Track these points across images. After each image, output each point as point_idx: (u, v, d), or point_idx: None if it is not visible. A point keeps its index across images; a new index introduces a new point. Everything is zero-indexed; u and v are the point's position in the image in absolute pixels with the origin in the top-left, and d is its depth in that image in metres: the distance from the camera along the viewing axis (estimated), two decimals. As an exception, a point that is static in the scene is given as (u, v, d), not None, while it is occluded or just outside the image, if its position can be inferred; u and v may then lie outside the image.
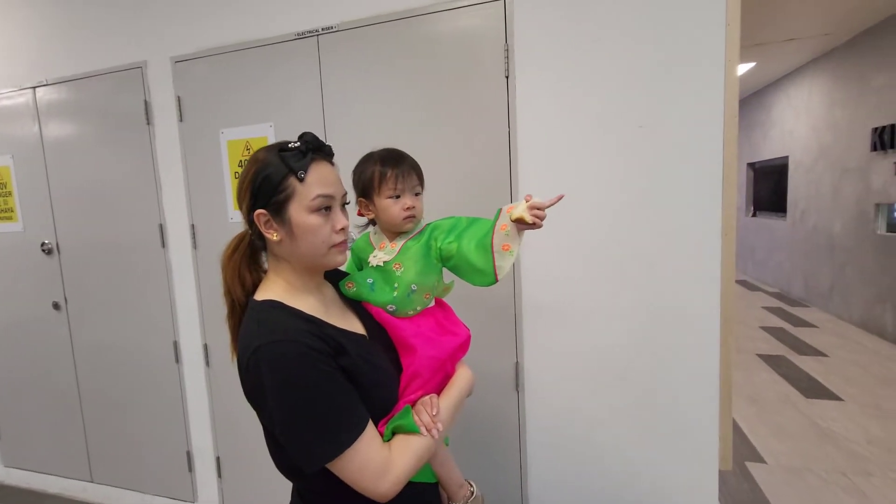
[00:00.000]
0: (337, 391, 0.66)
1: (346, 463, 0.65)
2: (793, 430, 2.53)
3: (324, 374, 0.65)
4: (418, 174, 0.87)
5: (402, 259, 0.84)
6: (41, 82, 2.05)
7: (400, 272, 0.84)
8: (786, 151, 5.54)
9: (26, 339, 2.28)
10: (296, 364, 0.64)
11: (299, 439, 0.64)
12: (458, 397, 0.82)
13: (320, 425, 0.64)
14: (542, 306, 1.45)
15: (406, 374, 0.80)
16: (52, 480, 2.33)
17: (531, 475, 1.53)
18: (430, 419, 0.72)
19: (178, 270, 1.94)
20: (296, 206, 0.70)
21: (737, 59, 1.21)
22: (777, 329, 4.27)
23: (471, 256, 0.81)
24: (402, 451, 0.69)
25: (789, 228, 5.52)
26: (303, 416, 0.63)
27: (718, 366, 1.32)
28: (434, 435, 0.71)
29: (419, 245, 0.85)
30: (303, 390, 0.63)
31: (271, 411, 0.64)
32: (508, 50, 1.39)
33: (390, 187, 0.83)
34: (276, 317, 0.69)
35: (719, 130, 1.25)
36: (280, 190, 0.70)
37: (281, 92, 1.67)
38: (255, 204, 0.71)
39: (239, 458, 1.94)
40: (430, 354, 0.81)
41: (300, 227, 0.71)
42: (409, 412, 0.74)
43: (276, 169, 0.70)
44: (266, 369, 0.63)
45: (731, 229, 1.27)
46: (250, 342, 0.66)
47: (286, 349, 0.64)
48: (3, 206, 2.22)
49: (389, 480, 0.67)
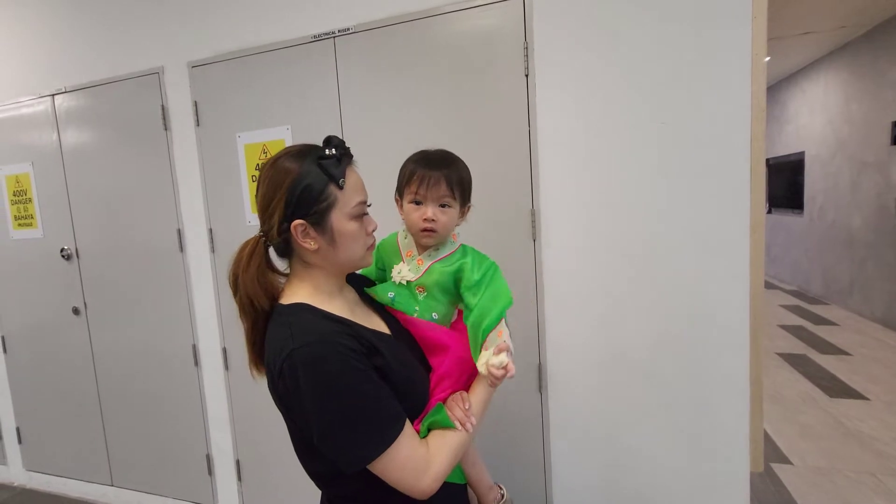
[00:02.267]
0: (374, 390, 0.65)
1: (388, 462, 0.64)
2: (818, 430, 2.48)
3: (361, 374, 0.64)
4: (451, 185, 0.79)
5: (426, 282, 0.80)
6: (59, 90, 2.07)
7: (422, 297, 0.80)
8: (801, 147, 5.45)
9: (47, 343, 2.31)
10: (333, 365, 0.63)
11: (341, 441, 0.63)
12: (486, 393, 0.80)
13: (361, 425, 0.63)
14: (565, 306, 1.43)
15: (436, 374, 0.79)
16: (73, 484, 2.35)
17: (555, 477, 1.50)
18: (463, 413, 0.72)
19: (197, 274, 1.94)
20: (337, 214, 0.70)
21: (764, 52, 1.18)
22: (796, 327, 4.20)
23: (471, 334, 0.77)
24: (439, 446, 0.69)
25: (806, 224, 5.43)
26: (344, 418, 0.63)
27: (748, 366, 1.29)
28: (468, 428, 0.71)
29: (447, 272, 0.80)
30: (342, 391, 0.62)
31: (308, 415, 0.63)
32: (528, 48, 1.37)
33: (412, 191, 0.79)
34: (307, 319, 0.68)
35: (746, 125, 1.23)
36: (322, 199, 0.69)
37: (297, 94, 1.67)
38: (292, 214, 0.69)
39: (259, 462, 1.94)
40: (461, 356, 0.79)
41: (343, 234, 0.70)
42: (443, 408, 0.73)
43: (316, 178, 0.68)
44: (302, 372, 0.62)
45: (759, 226, 1.24)
46: (283, 346, 0.65)
47: (322, 350, 0.63)
48: (24, 212, 2.25)
49: (430, 476, 0.66)
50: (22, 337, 2.38)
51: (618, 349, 1.40)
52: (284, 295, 0.74)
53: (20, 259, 2.30)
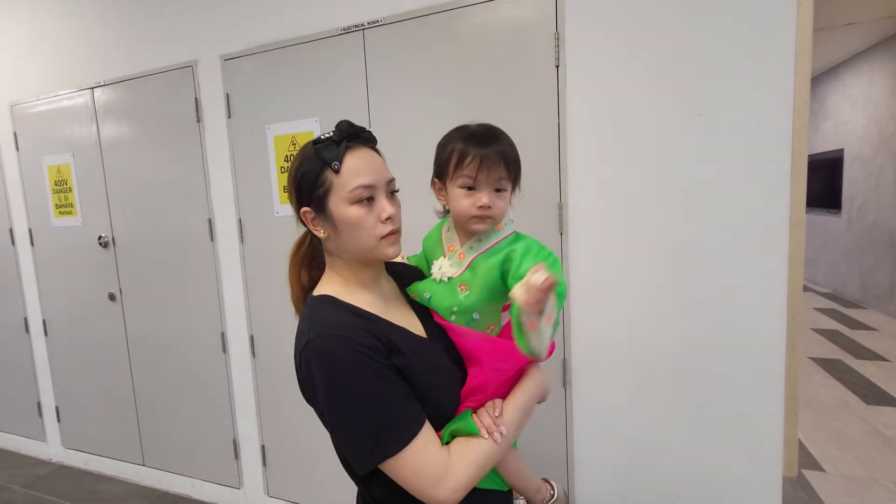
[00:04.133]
0: (388, 389, 0.62)
1: (400, 466, 0.61)
2: (854, 438, 2.38)
3: (372, 371, 0.61)
4: (508, 166, 0.70)
5: (469, 279, 0.71)
6: (99, 83, 2.14)
7: (464, 296, 0.70)
8: (840, 144, 5.22)
9: (85, 327, 2.40)
10: (343, 359, 0.61)
11: (349, 438, 0.63)
12: (524, 400, 0.72)
13: (369, 424, 0.61)
14: (593, 302, 1.41)
15: (469, 385, 0.71)
16: (108, 463, 2.46)
17: (578, 474, 1.49)
18: (491, 421, 0.66)
19: (226, 264, 1.99)
20: (335, 200, 0.67)
21: (809, 40, 1.13)
22: (831, 332, 4.04)
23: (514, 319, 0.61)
24: (461, 455, 0.63)
25: (844, 225, 5.21)
26: (352, 414, 0.61)
27: (784, 367, 1.24)
28: (496, 439, 0.65)
29: (493, 264, 0.69)
30: (351, 386, 0.61)
31: (322, 407, 0.64)
32: (559, 38, 1.35)
33: (465, 174, 0.68)
34: (325, 311, 0.68)
35: (787, 118, 1.18)
36: (318, 185, 0.67)
37: (326, 87, 1.68)
38: (300, 201, 0.70)
39: (283, 448, 1.98)
40: (500, 368, 0.71)
41: (342, 220, 0.67)
42: (469, 414, 0.68)
43: (312, 163, 0.67)
44: (315, 364, 0.62)
45: (799, 223, 1.20)
46: (301, 337, 0.65)
47: (334, 344, 0.62)
48: (64, 201, 2.34)
49: (448, 487, 0.61)
50: (62, 320, 2.48)
51: (647, 347, 1.37)
52: (317, 287, 0.74)
53: (61, 246, 2.40)
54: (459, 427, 0.66)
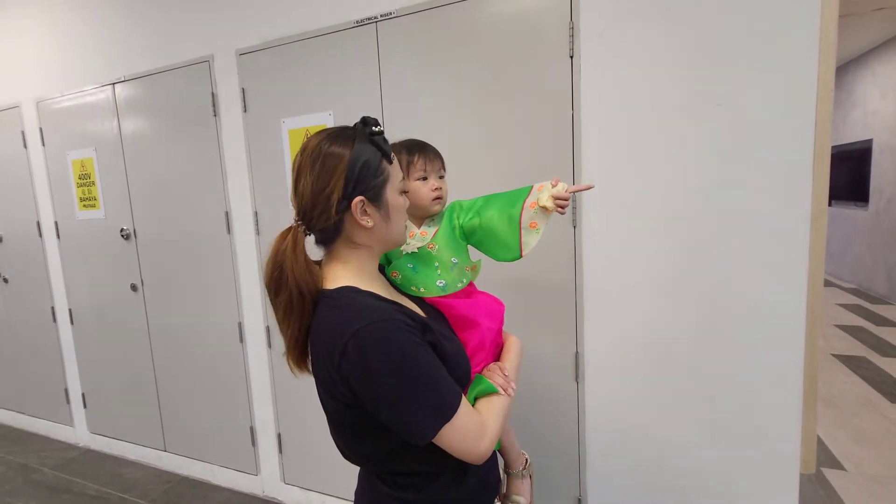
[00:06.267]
0: (435, 363, 0.68)
1: (454, 430, 0.66)
2: (876, 437, 2.33)
3: (423, 348, 0.67)
4: (441, 159, 0.92)
5: (434, 240, 0.89)
6: (119, 78, 2.19)
7: (436, 251, 0.87)
8: (869, 134, 5.04)
9: (108, 317, 2.48)
10: (399, 341, 0.65)
11: (412, 413, 0.65)
12: (517, 361, 0.88)
13: (430, 397, 0.66)
14: (606, 295, 1.40)
15: (470, 347, 0.83)
16: (131, 448, 2.54)
17: (590, 468, 1.49)
18: (503, 380, 0.78)
19: (243, 255, 2.03)
20: (390, 189, 0.73)
21: (835, 27, 1.09)
22: (856, 328, 3.93)
23: (497, 229, 0.85)
24: (489, 412, 0.73)
25: (871, 218, 5.04)
26: (414, 390, 0.65)
27: (802, 362, 1.22)
28: (510, 393, 0.77)
29: (443, 225, 0.90)
30: (410, 365, 0.65)
31: (379, 391, 0.64)
32: (573, 28, 1.33)
33: (419, 169, 0.88)
34: (363, 301, 0.69)
35: (810, 107, 1.14)
36: (379, 174, 0.71)
37: (340, 80, 1.69)
38: (353, 191, 0.69)
39: (299, 435, 2.02)
40: (490, 326, 0.86)
41: (395, 208, 0.74)
42: (483, 378, 0.79)
43: (372, 154, 0.70)
44: (371, 349, 0.64)
45: (821, 215, 1.16)
46: (344, 328, 0.65)
47: (388, 328, 0.65)
48: (88, 194, 2.41)
49: (488, 439, 0.70)
50: (87, 310, 2.57)
51: (661, 341, 1.35)
52: (328, 280, 0.73)
53: (85, 238, 2.47)
54: (481, 389, 0.77)
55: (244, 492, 2.19)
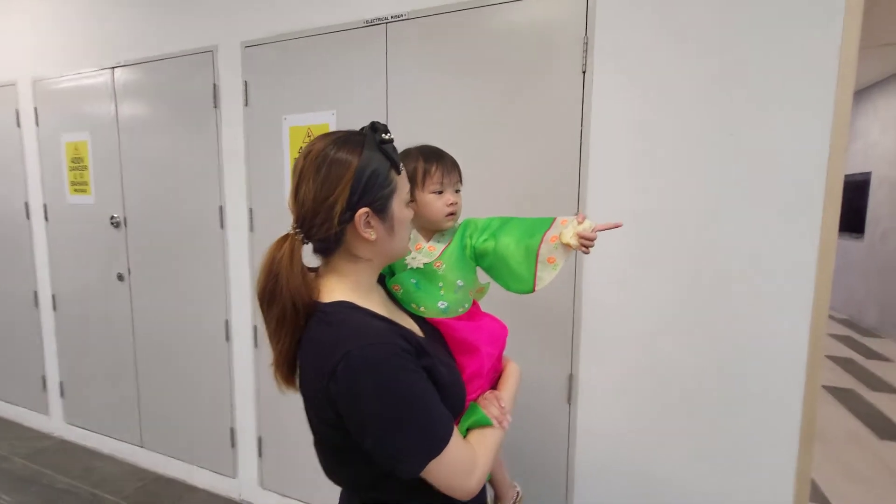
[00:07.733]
0: (428, 391, 0.64)
1: (443, 464, 0.62)
2: (864, 473, 2.31)
3: (416, 375, 0.63)
4: (459, 171, 0.86)
5: (442, 258, 0.84)
6: (119, 63, 2.14)
7: (442, 270, 0.82)
8: (868, 167, 5.08)
9: (92, 305, 2.41)
10: (391, 367, 0.60)
11: (399, 445, 0.61)
12: (515, 389, 0.84)
13: (420, 430, 0.61)
14: (605, 318, 1.36)
15: (467, 373, 0.79)
16: (107, 441, 2.47)
17: (578, 494, 1.45)
18: (499, 411, 0.74)
19: (235, 251, 1.98)
20: (397, 200, 0.68)
21: (855, 55, 1.07)
22: (845, 360, 3.93)
23: (511, 259, 0.79)
24: (480, 445, 0.69)
25: (866, 250, 5.07)
26: (403, 420, 0.60)
27: (801, 401, 1.19)
28: (505, 426, 0.73)
29: (454, 242, 0.85)
30: (401, 394, 0.60)
31: (365, 418, 0.60)
32: (587, 43, 1.30)
33: (435, 181, 0.82)
34: (358, 319, 0.65)
35: (825, 138, 1.12)
36: (386, 184, 0.66)
37: (346, 80, 1.65)
38: (357, 202, 0.64)
39: (280, 440, 1.96)
40: (491, 352, 0.82)
41: (400, 221, 0.70)
42: (478, 408, 0.75)
43: (380, 163, 0.65)
44: (362, 375, 0.59)
45: (829, 251, 1.14)
46: (335, 348, 0.61)
47: (381, 352, 0.61)
48: (79, 179, 2.35)
49: (477, 476, 0.66)
50: (71, 297, 2.50)
51: (658, 368, 1.32)
52: (323, 292, 0.69)
53: (74, 223, 2.41)
54: (475, 420, 0.73)
55: (221, 494, 2.13)
